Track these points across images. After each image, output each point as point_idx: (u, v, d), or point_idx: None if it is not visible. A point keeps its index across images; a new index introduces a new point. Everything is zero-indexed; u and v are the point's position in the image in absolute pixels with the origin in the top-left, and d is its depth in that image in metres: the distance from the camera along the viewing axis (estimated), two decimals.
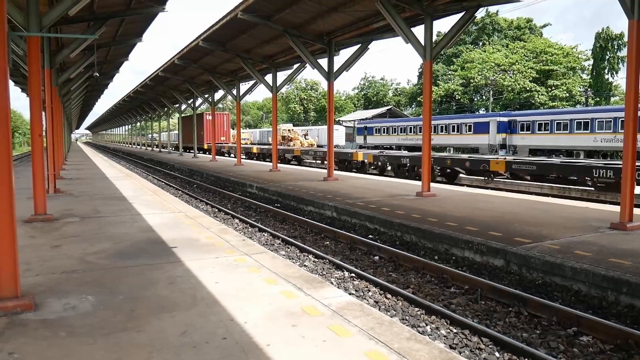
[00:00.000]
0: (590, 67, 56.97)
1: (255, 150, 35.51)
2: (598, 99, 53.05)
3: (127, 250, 6.13)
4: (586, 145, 28.50)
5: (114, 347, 3.36)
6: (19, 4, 8.65)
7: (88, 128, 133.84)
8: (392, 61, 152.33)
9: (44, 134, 8.90)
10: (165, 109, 44.76)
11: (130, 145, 76.69)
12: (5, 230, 4.02)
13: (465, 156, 20.37)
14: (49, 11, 8.65)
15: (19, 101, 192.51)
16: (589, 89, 52.64)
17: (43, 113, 9.35)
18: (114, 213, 9.11)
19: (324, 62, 16.86)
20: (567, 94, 53.94)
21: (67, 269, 5.28)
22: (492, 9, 64.03)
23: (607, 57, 54.20)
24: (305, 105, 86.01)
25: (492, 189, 16.92)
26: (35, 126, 8.28)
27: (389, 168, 23.37)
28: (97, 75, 15.54)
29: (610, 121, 27.41)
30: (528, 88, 54.65)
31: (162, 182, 20.77)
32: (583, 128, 28.89)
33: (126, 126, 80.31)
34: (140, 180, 16.69)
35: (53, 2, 9.58)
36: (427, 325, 5.00)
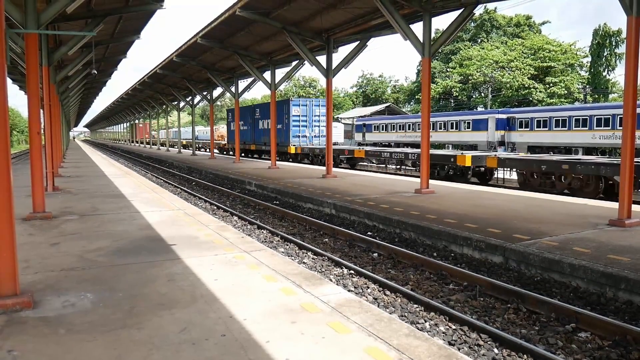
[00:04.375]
0: (589, 64, 56.93)
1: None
2: (596, 96, 53.01)
3: (126, 248, 6.13)
4: (585, 142, 28.47)
5: (113, 344, 3.36)
6: (17, 1, 8.61)
7: (86, 126, 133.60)
8: (391, 58, 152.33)
9: (42, 131, 8.88)
10: (164, 106, 44.74)
11: (129, 143, 76.66)
12: (4, 228, 4.02)
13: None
14: (47, 8, 8.62)
15: (17, 99, 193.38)
16: (587, 86, 52.59)
17: (41, 111, 9.33)
18: (113, 211, 9.11)
19: (322, 59, 16.88)
20: (566, 91, 53.88)
21: (66, 266, 5.28)
22: (490, 6, 63.97)
23: (605, 54, 54.10)
24: None
25: (491, 185, 16.94)
26: (33, 124, 8.27)
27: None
28: (95, 72, 15.49)
29: (609, 118, 27.38)
30: (526, 85, 54.57)
31: (161, 179, 20.75)
32: (582, 125, 28.86)
33: (125, 124, 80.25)
34: (139, 178, 16.68)
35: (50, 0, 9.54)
36: (426, 321, 5.01)
